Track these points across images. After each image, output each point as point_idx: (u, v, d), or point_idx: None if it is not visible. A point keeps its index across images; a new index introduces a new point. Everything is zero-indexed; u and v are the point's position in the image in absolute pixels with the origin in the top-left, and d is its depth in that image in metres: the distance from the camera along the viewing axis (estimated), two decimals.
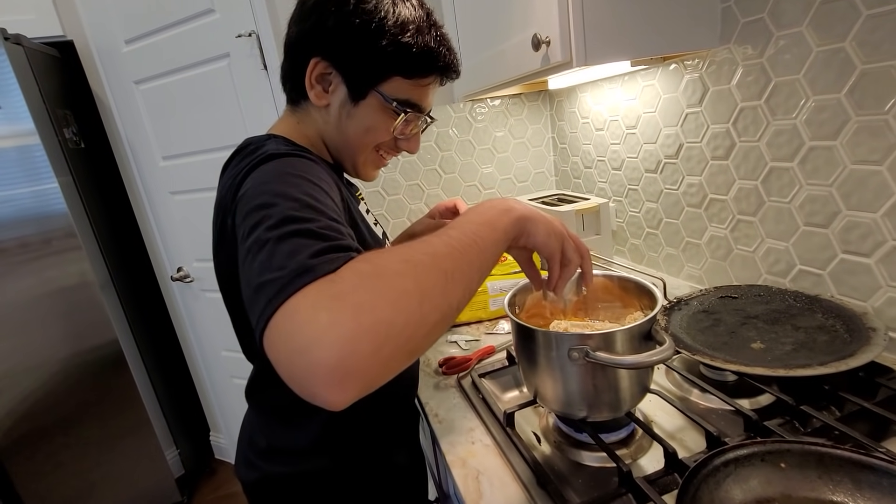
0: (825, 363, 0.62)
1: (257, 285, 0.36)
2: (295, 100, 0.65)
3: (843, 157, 0.73)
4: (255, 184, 0.47)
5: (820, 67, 0.73)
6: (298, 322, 0.32)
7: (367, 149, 0.65)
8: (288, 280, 0.34)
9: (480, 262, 0.44)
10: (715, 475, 0.46)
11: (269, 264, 0.37)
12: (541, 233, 0.52)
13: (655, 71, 1.07)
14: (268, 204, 0.43)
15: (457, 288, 0.40)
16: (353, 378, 0.32)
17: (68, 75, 1.69)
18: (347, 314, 0.32)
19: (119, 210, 1.82)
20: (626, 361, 0.52)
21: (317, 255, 0.36)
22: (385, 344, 0.33)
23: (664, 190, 1.13)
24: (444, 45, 0.60)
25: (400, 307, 0.34)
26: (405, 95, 0.60)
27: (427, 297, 0.37)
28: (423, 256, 0.39)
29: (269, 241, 0.39)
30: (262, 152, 0.52)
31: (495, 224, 0.48)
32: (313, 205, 0.43)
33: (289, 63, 0.62)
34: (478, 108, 1.50)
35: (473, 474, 0.62)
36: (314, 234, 0.39)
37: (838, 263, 0.78)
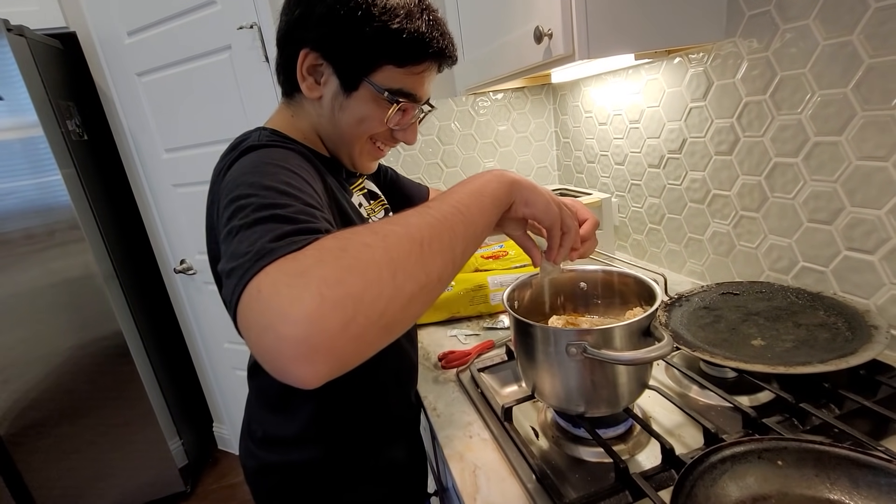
0: (825, 361, 0.62)
1: (226, 272, 0.36)
2: (289, 92, 0.64)
3: (849, 152, 0.72)
4: (233, 177, 0.47)
5: (826, 61, 0.72)
6: (262, 300, 0.32)
7: (362, 140, 0.63)
8: (251, 262, 0.34)
9: (465, 230, 0.41)
10: (711, 472, 0.46)
11: (237, 251, 0.37)
12: (540, 202, 0.51)
13: (659, 64, 1.05)
14: (242, 195, 0.43)
15: (435, 257, 0.37)
16: (321, 354, 0.30)
17: (71, 67, 1.69)
18: (311, 288, 0.31)
19: (122, 202, 1.82)
20: (624, 357, 0.52)
21: (281, 237, 0.36)
22: (354, 318, 0.31)
23: (667, 185, 1.12)
24: (436, 30, 0.58)
25: (369, 279, 0.32)
26: (398, 84, 0.58)
27: (400, 268, 0.34)
28: (394, 227, 0.37)
29: (241, 228, 0.39)
30: (244, 146, 0.52)
31: (482, 191, 0.46)
32: (287, 191, 0.43)
33: (280, 55, 0.61)
34: (480, 102, 1.49)
35: (471, 468, 0.62)
36: (283, 217, 0.39)
37: (841, 260, 0.77)
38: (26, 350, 1.59)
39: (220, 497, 1.92)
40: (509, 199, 0.49)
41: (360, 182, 0.75)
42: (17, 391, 1.60)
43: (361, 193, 0.74)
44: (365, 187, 0.76)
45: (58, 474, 1.71)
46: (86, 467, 1.74)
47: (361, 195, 0.73)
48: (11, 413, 1.61)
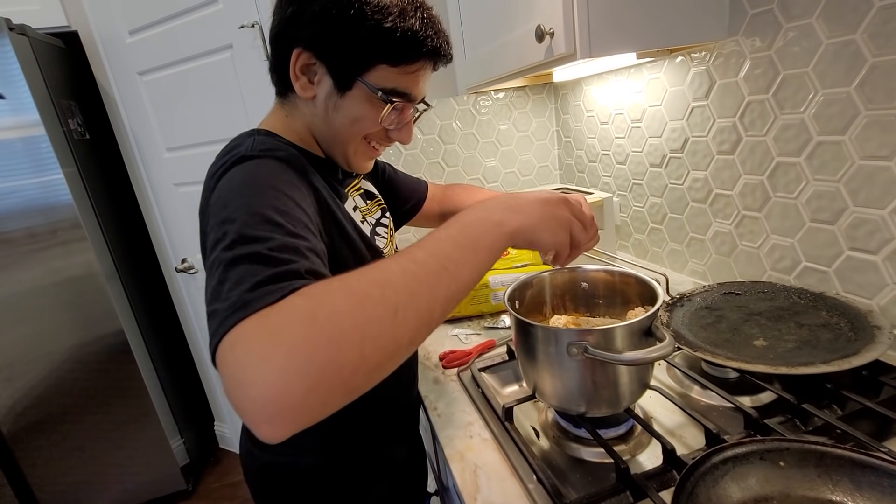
0: (828, 361, 0.61)
1: (208, 313, 0.37)
2: (282, 92, 0.63)
3: (852, 152, 0.72)
4: (222, 194, 0.47)
5: (829, 60, 0.72)
6: (235, 357, 0.33)
7: (356, 140, 0.62)
8: (228, 313, 0.35)
9: (448, 290, 0.39)
10: (713, 473, 0.46)
11: (217, 292, 0.37)
12: (546, 238, 0.50)
13: (661, 63, 1.05)
14: (227, 219, 0.42)
15: (408, 324, 0.36)
16: (284, 416, 0.32)
17: (73, 66, 1.69)
18: (280, 354, 0.32)
19: (124, 201, 1.83)
20: (625, 358, 0.52)
21: (258, 285, 0.36)
22: (318, 385, 0.32)
23: (669, 184, 1.12)
24: (430, 28, 0.56)
25: (335, 349, 0.33)
26: (392, 84, 0.57)
27: (368, 338, 0.34)
28: (371, 288, 0.36)
29: (221, 264, 0.39)
30: (235, 154, 0.51)
31: (479, 243, 0.43)
32: (272, 218, 0.42)
33: (273, 54, 0.60)
34: (481, 101, 1.49)
35: (471, 468, 0.62)
36: (262, 258, 0.38)
37: (844, 260, 0.77)
38: (29, 348, 1.60)
39: (222, 496, 1.92)
40: (507, 247, 0.47)
41: (357, 182, 0.74)
42: (19, 389, 1.61)
43: (358, 194, 0.72)
44: (361, 187, 0.75)
45: (60, 472, 1.71)
46: (88, 465, 1.74)
47: (358, 195, 0.72)
48: (14, 411, 1.62)
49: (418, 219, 0.95)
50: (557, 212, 0.51)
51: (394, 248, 0.76)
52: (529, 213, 0.49)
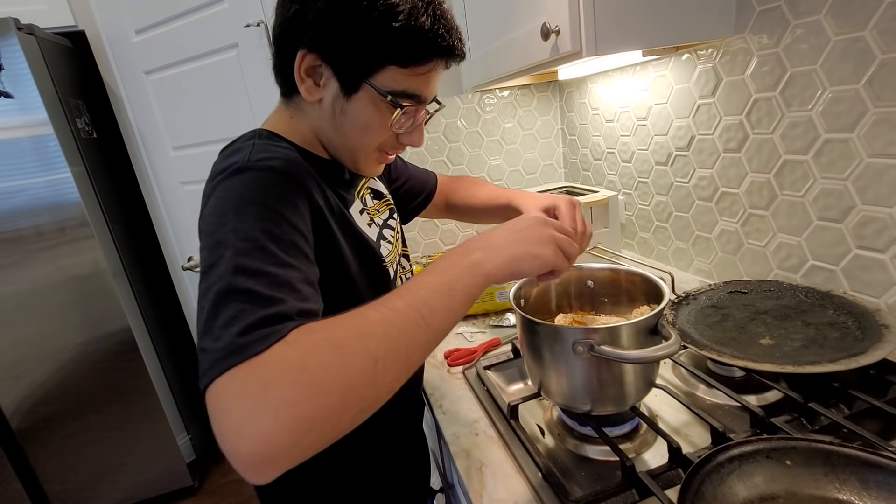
0: (835, 360, 0.61)
1: (198, 347, 0.38)
2: (287, 94, 0.60)
3: (860, 149, 0.71)
4: (215, 211, 0.46)
5: (838, 57, 0.71)
6: (224, 407, 0.34)
7: (368, 150, 0.60)
8: (219, 357, 0.36)
9: (425, 338, 0.41)
10: (719, 471, 0.46)
11: (209, 327, 0.38)
12: (529, 267, 0.49)
13: (668, 61, 1.04)
14: (220, 243, 0.42)
15: (388, 374, 0.39)
16: (270, 465, 0.34)
17: (80, 65, 1.70)
18: (269, 410, 0.33)
19: (131, 200, 1.84)
20: (631, 356, 0.52)
21: (249, 329, 0.36)
22: (304, 437, 0.34)
23: (675, 183, 1.11)
24: (442, 26, 0.53)
25: (321, 403, 0.35)
26: (402, 86, 0.54)
27: (352, 389, 0.36)
28: (354, 341, 0.38)
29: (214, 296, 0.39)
30: (234, 163, 0.49)
31: (453, 287, 0.44)
32: (265, 245, 0.42)
33: (277, 56, 0.58)
34: (486, 99, 1.49)
35: (477, 465, 0.62)
36: (254, 296, 0.39)
37: (852, 259, 0.76)
38: (37, 345, 1.61)
39: (228, 492, 1.94)
40: (484, 288, 0.47)
41: (365, 182, 0.72)
42: (28, 386, 1.63)
43: (367, 194, 0.71)
44: (370, 186, 0.74)
45: (68, 468, 1.73)
46: (96, 461, 1.76)
47: (367, 195, 0.71)
48: (23, 407, 1.63)
49: (427, 211, 0.94)
50: (535, 235, 0.51)
51: (398, 254, 0.74)
52: (504, 248, 0.49)
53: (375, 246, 0.65)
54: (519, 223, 0.53)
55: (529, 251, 0.50)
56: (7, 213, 1.51)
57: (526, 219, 0.54)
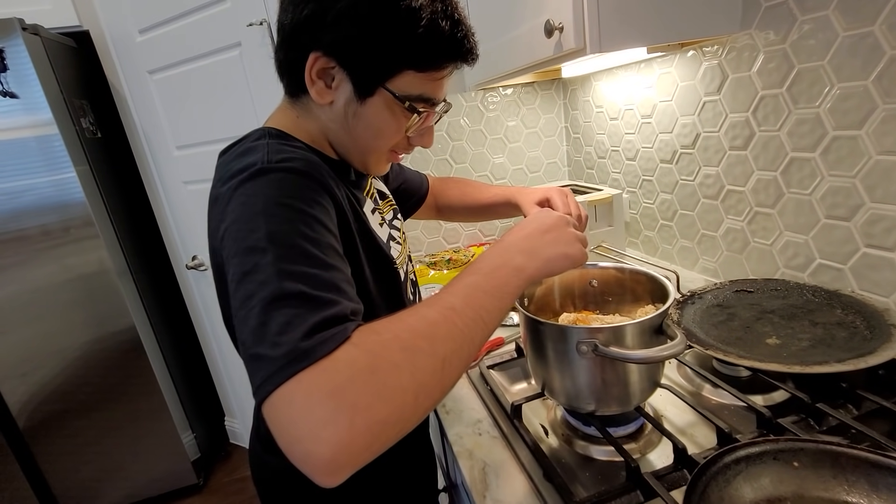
0: (843, 360, 0.60)
1: (252, 355, 0.37)
2: (294, 93, 0.58)
3: (869, 146, 0.70)
4: (242, 215, 0.44)
5: (846, 53, 0.70)
6: (295, 413, 0.34)
7: (380, 152, 0.60)
8: (283, 363, 0.35)
9: (482, 336, 0.43)
10: (725, 473, 0.45)
11: (262, 334, 0.37)
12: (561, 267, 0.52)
13: (672, 58, 1.04)
14: (257, 248, 0.41)
15: (453, 372, 0.40)
16: (345, 469, 0.34)
17: (84, 65, 1.71)
18: (344, 415, 0.33)
19: (135, 199, 1.85)
20: (636, 356, 0.52)
21: (311, 333, 0.36)
22: (378, 440, 0.34)
23: (679, 181, 1.10)
24: (461, 31, 0.52)
25: (395, 405, 0.35)
26: (418, 91, 0.53)
27: (423, 389, 0.37)
28: (421, 342, 0.38)
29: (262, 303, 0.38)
30: (251, 163, 0.47)
31: (503, 291, 0.46)
32: (306, 249, 0.41)
33: (285, 54, 0.55)
34: (490, 97, 1.48)
35: (480, 465, 0.62)
36: (307, 298, 0.38)
37: (860, 258, 0.75)
38: (43, 344, 1.62)
39: (232, 490, 1.95)
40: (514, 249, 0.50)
41: (371, 182, 0.72)
42: (34, 385, 1.64)
43: (371, 198, 0.70)
44: (374, 188, 0.73)
45: (74, 466, 1.74)
46: (101, 459, 1.77)
47: (371, 200, 0.70)
48: (29, 406, 1.65)
49: (418, 212, 0.96)
50: (565, 236, 0.54)
51: (407, 255, 0.74)
52: (541, 251, 0.51)
53: (386, 248, 0.64)
54: (544, 224, 0.54)
55: (561, 252, 0.52)
56: (13, 213, 1.52)
57: (547, 219, 0.55)
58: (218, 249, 0.47)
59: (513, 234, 0.53)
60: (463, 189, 0.97)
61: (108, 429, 1.75)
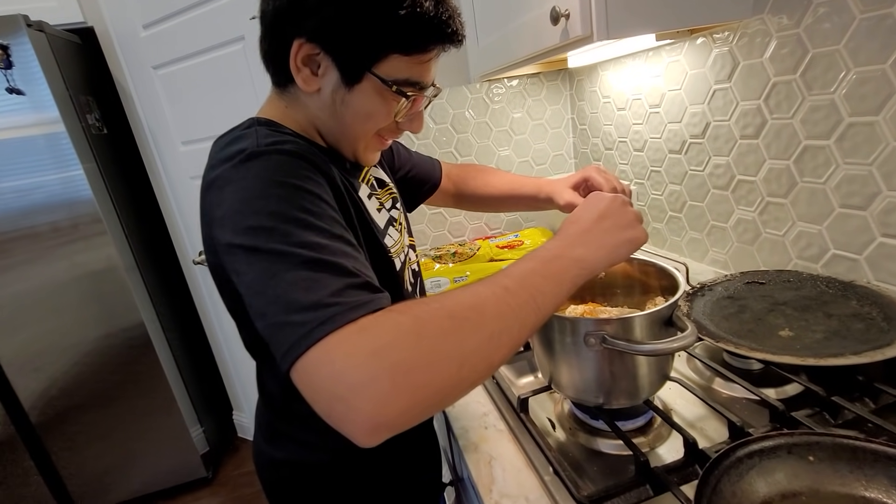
0: (859, 352, 0.59)
1: (276, 323, 0.36)
2: (281, 83, 0.57)
3: (886, 133, 0.68)
4: (240, 197, 0.43)
5: (863, 36, 0.68)
6: (336, 370, 0.33)
7: (368, 136, 0.58)
8: (318, 322, 0.34)
9: (535, 320, 0.42)
10: (738, 467, 0.44)
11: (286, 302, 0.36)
12: (626, 253, 0.51)
13: (681, 45, 1.01)
14: (262, 227, 0.40)
15: (501, 349, 0.39)
16: (384, 428, 0.34)
17: (89, 62, 1.71)
18: (385, 373, 0.33)
19: (142, 195, 1.85)
20: (645, 348, 0.50)
21: (338, 293, 0.36)
22: (419, 403, 0.34)
23: (689, 171, 1.08)
24: (445, 11, 0.51)
25: (438, 371, 0.35)
26: (405, 74, 0.52)
27: (467, 361, 0.36)
28: (470, 313, 0.38)
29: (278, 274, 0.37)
30: (242, 149, 0.47)
31: (562, 278, 0.45)
32: (313, 223, 0.41)
33: (268, 43, 0.54)
34: (495, 89, 1.46)
35: (486, 459, 0.61)
36: (328, 264, 0.38)
37: (876, 247, 0.73)
38: (55, 340, 1.64)
39: (241, 483, 1.96)
40: (571, 238, 0.49)
41: (366, 171, 0.70)
42: (46, 380, 1.66)
43: (367, 184, 0.69)
44: (371, 176, 0.71)
45: (86, 460, 1.77)
46: (112, 453, 1.79)
47: (368, 186, 0.68)
48: (42, 400, 1.67)
49: (434, 198, 0.93)
50: (624, 219, 0.52)
51: (406, 244, 0.73)
52: (603, 240, 0.50)
53: (382, 234, 0.64)
54: (599, 208, 0.52)
55: (624, 237, 0.51)
56: (24, 211, 1.53)
57: (601, 203, 0.53)
58: (216, 238, 0.46)
59: (568, 228, 0.51)
60: (485, 178, 0.94)
61: (118, 423, 1.77)
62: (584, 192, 0.82)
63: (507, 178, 0.92)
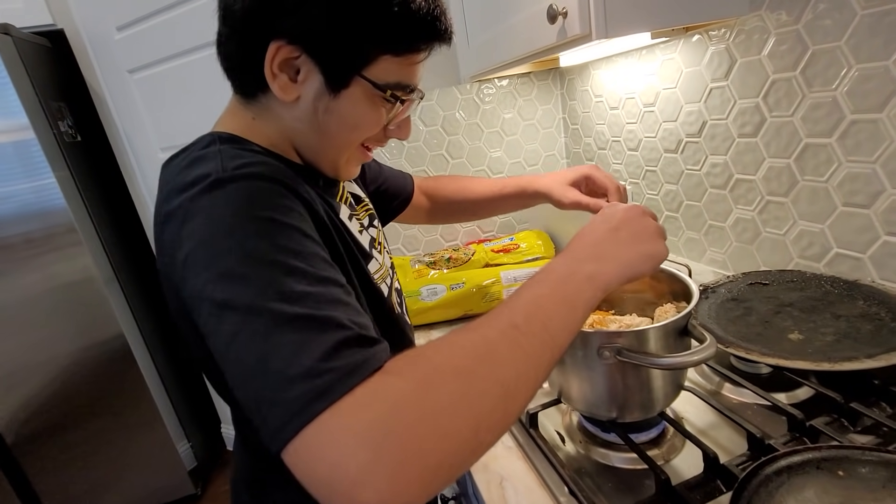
0: (874, 356, 0.57)
1: (260, 399, 0.31)
2: (249, 92, 0.51)
3: (890, 130, 0.67)
4: (206, 236, 0.37)
5: (865, 32, 0.67)
6: (334, 458, 0.28)
7: (353, 147, 0.53)
8: (303, 401, 0.29)
9: (551, 357, 0.37)
10: (767, 485, 0.42)
11: (264, 370, 0.31)
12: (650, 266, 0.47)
13: (676, 43, 1.00)
14: (235, 275, 0.34)
15: (519, 401, 0.34)
16: None
17: (60, 66, 1.64)
18: (393, 460, 0.28)
19: (119, 203, 1.78)
20: (664, 362, 0.48)
21: (330, 356, 0.30)
22: (432, 482, 0.29)
23: (685, 171, 1.07)
24: (437, 7, 0.48)
25: (451, 443, 0.30)
26: (395, 77, 0.48)
27: (483, 423, 0.31)
28: (479, 366, 0.33)
29: (256, 336, 0.32)
30: (205, 174, 0.40)
31: (575, 302, 0.40)
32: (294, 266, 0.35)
33: (236, 46, 0.48)
34: (485, 89, 1.44)
35: (497, 480, 0.59)
36: (312, 320, 0.32)
37: (881, 246, 0.73)
38: (30, 356, 1.56)
39: None
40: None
41: (343, 187, 0.64)
42: (22, 398, 1.58)
43: (346, 203, 0.62)
44: (347, 193, 0.65)
45: (66, 480, 1.69)
46: (94, 472, 1.72)
47: (347, 206, 0.62)
48: (17, 420, 1.59)
49: (406, 214, 0.89)
50: (644, 232, 0.48)
51: (388, 268, 0.67)
52: (617, 254, 0.45)
53: (366, 261, 0.58)
54: (615, 218, 0.48)
55: (643, 252, 0.46)
56: None
57: (617, 213, 0.49)
58: (179, 285, 0.39)
59: (581, 240, 0.47)
60: (460, 183, 0.92)
61: (100, 440, 1.70)
62: (584, 191, 0.80)
63: (485, 181, 0.90)
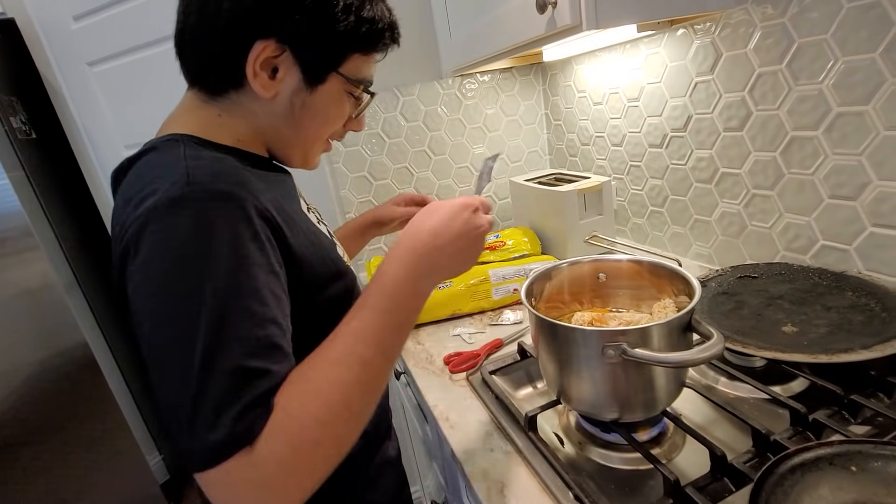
0: (869, 347, 0.58)
1: (180, 420, 0.37)
2: (219, 90, 0.51)
3: (876, 122, 0.68)
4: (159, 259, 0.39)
5: (851, 25, 0.67)
6: (230, 497, 0.37)
7: (322, 139, 0.58)
8: (214, 449, 0.36)
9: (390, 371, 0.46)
10: (782, 485, 0.41)
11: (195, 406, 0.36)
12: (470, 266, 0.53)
13: (661, 37, 0.99)
14: (176, 316, 0.38)
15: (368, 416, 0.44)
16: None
17: (12, 58, 1.52)
18: (278, 497, 0.37)
19: (80, 204, 1.68)
20: (672, 359, 0.47)
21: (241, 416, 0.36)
22: (312, 490, 0.39)
23: (670, 165, 1.07)
24: (388, 10, 0.55)
25: (322, 472, 0.39)
26: (362, 74, 0.55)
27: (345, 446, 0.41)
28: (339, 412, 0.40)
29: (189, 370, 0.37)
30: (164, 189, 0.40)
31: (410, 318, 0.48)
32: (245, 306, 0.39)
33: (214, 46, 0.49)
34: (468, 84, 1.41)
35: (497, 487, 0.56)
36: (241, 374, 0.37)
37: (867, 237, 0.74)
38: None
39: None
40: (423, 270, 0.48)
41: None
42: None
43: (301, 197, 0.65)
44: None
45: (32, 496, 1.58)
46: (60, 489, 1.61)
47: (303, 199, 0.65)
48: None
49: None
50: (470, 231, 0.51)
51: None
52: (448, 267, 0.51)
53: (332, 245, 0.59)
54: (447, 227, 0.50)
55: (470, 258, 0.52)
56: None
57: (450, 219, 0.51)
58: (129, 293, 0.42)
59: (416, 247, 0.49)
60: None
61: (66, 454, 1.59)
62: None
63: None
